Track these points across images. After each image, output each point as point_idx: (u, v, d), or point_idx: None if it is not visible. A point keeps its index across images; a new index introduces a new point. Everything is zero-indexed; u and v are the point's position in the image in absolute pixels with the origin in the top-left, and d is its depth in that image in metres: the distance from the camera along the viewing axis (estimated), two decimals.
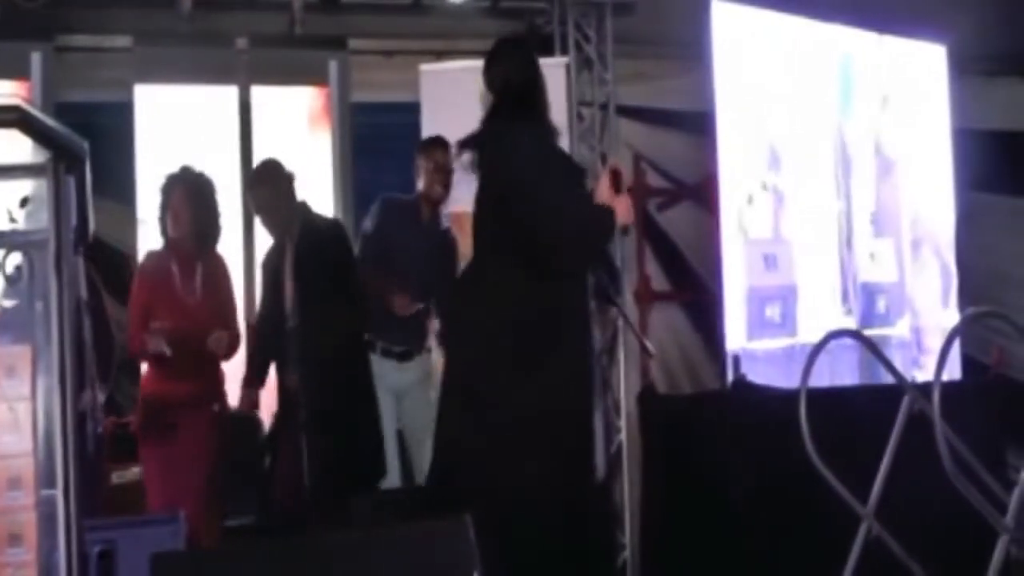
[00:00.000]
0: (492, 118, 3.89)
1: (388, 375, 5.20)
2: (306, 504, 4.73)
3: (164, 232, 4.84)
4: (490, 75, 3.94)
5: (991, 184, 7.62)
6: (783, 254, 6.01)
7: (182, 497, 4.45)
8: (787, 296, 5.96)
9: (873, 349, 4.48)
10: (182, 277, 4.75)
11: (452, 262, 5.35)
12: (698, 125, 6.14)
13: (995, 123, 7.87)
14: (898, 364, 4.63)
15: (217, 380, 4.81)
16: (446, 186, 5.31)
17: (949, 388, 3.74)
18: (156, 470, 4.69)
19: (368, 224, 5.36)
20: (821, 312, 6.01)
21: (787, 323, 5.89)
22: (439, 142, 5.37)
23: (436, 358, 5.26)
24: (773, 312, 5.88)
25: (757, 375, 5.37)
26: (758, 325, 5.79)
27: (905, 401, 4.08)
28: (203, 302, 4.74)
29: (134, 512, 4.57)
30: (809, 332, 4.76)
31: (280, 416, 4.87)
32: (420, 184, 5.37)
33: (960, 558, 3.76)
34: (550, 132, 3.92)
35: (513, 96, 3.88)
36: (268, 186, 4.91)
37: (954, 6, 6.71)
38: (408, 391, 5.25)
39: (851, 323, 6.10)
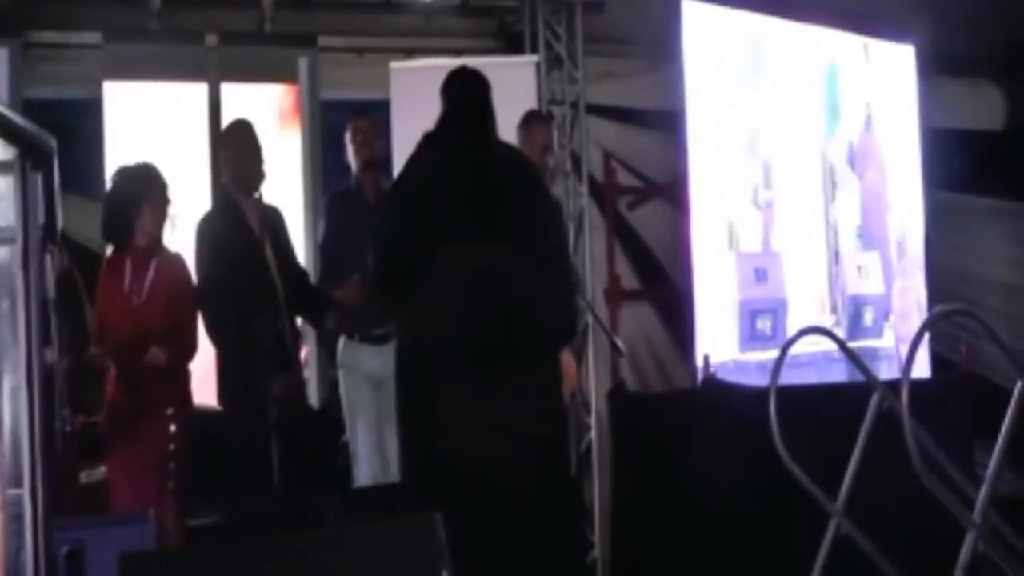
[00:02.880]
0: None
1: (367, 362, 5.04)
2: (276, 503, 4.71)
3: (124, 231, 4.75)
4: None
5: (959, 184, 7.67)
6: (773, 267, 6.08)
7: (146, 496, 4.42)
8: (777, 309, 6.03)
9: (842, 345, 4.51)
10: (133, 276, 4.68)
11: None
12: (669, 124, 6.15)
13: (963, 123, 7.93)
14: (884, 375, 4.66)
15: (179, 383, 4.73)
16: (374, 148, 5.21)
17: (918, 386, 3.77)
18: (120, 470, 4.65)
19: (321, 227, 5.28)
20: (809, 324, 6.03)
21: (778, 335, 5.93)
22: (358, 112, 5.35)
23: None
24: (764, 324, 5.94)
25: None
26: (749, 337, 5.85)
27: (874, 398, 4.10)
28: (149, 302, 4.66)
29: (103, 512, 4.54)
30: (799, 344, 4.83)
31: (253, 413, 4.81)
32: (352, 161, 5.21)
33: (929, 554, 3.79)
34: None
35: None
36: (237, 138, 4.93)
37: (922, 7, 6.75)
38: (388, 375, 5.12)
39: (838, 334, 6.13)
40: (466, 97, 4.13)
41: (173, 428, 4.62)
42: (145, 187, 4.72)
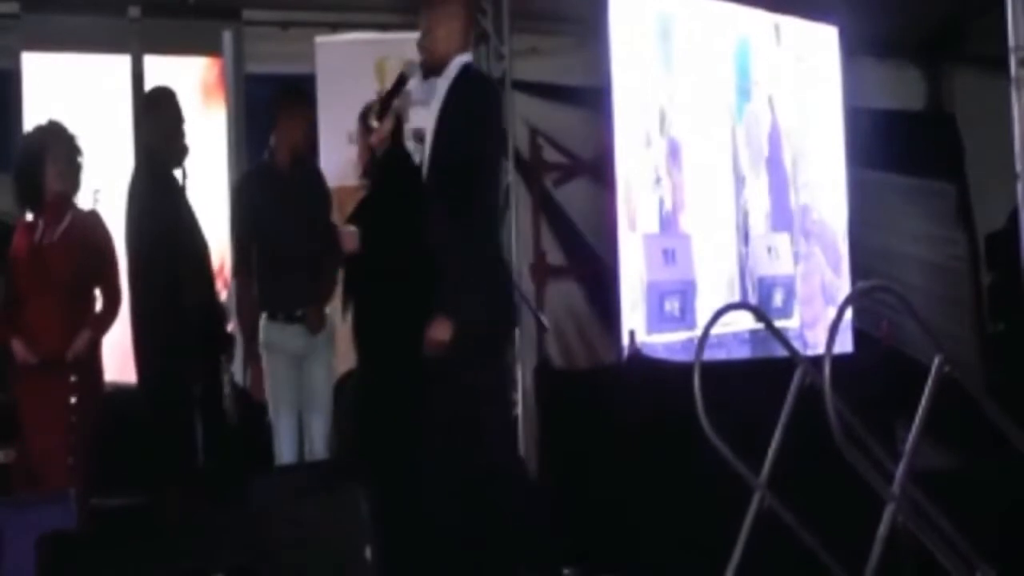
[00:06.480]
0: None
1: (290, 340, 4.98)
2: (200, 482, 4.67)
3: (34, 187, 4.66)
4: None
5: (881, 162, 7.78)
6: (681, 248, 6.04)
7: (51, 473, 4.33)
8: (686, 290, 6.00)
9: (767, 322, 4.56)
10: (45, 228, 4.62)
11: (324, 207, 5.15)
12: (595, 101, 6.16)
13: (885, 103, 8.05)
14: None
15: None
16: (308, 138, 5.18)
17: (840, 361, 3.81)
18: (24, 442, 4.55)
19: (234, 206, 5.20)
20: (719, 305, 6.04)
21: (686, 317, 5.93)
22: (303, 96, 5.29)
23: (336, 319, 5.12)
24: (672, 306, 5.91)
25: None
26: (657, 319, 5.82)
27: (797, 373, 4.15)
28: (59, 244, 4.58)
29: (20, 493, 4.46)
30: None
31: (175, 389, 4.76)
32: (282, 138, 5.07)
33: (850, 526, 3.85)
34: None
35: None
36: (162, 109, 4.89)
37: None
38: (310, 354, 5.04)
39: (747, 315, 6.16)
40: None
41: (74, 400, 4.47)
42: (50, 139, 4.67)
